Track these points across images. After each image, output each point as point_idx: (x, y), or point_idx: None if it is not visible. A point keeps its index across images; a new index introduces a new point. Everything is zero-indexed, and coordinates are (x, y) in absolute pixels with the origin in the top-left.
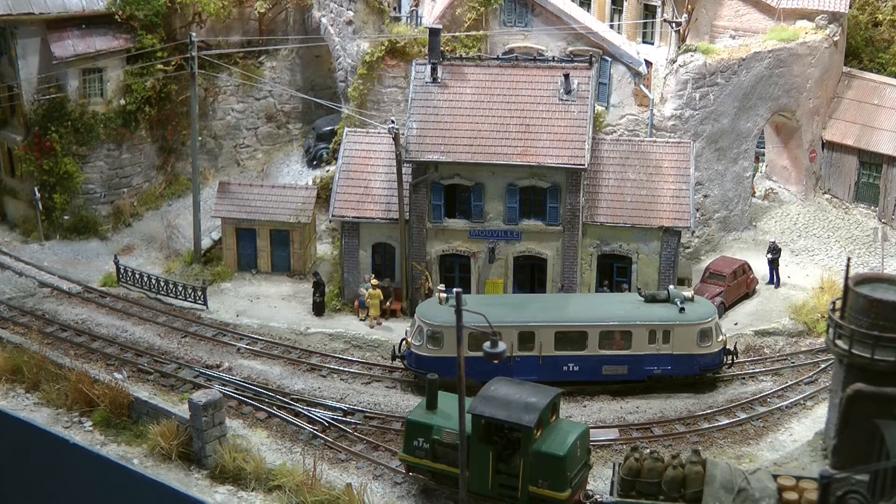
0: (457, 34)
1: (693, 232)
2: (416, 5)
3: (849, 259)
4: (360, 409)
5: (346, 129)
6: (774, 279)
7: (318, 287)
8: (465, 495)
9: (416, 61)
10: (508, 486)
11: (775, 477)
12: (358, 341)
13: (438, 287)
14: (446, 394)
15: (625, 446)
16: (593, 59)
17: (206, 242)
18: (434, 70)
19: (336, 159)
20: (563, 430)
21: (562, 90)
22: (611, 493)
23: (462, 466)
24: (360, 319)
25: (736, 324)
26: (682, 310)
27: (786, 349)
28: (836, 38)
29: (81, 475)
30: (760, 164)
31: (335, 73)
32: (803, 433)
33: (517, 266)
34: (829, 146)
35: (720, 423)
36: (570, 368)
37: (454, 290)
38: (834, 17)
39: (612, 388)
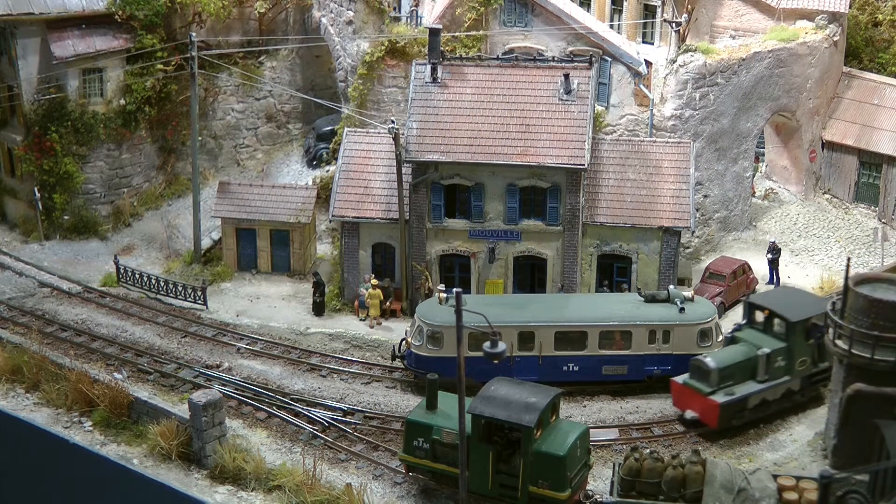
0: (457, 34)
1: (693, 232)
2: (416, 5)
3: (849, 259)
4: (359, 409)
5: (346, 129)
6: (774, 279)
7: (318, 287)
8: (465, 495)
9: (416, 61)
10: (508, 486)
11: (775, 477)
12: (358, 341)
13: (438, 287)
14: (446, 394)
15: (625, 446)
16: (593, 59)
17: (206, 242)
18: (434, 70)
19: (336, 159)
20: (563, 430)
21: (562, 90)
22: (611, 493)
23: (462, 466)
24: (360, 319)
25: (736, 324)
26: (682, 310)
27: None
28: (836, 38)
29: (81, 475)
30: (760, 164)
31: (335, 73)
32: (803, 433)
33: (517, 266)
34: (829, 146)
35: None
36: (570, 368)
37: (454, 290)
38: (834, 17)
39: (612, 388)
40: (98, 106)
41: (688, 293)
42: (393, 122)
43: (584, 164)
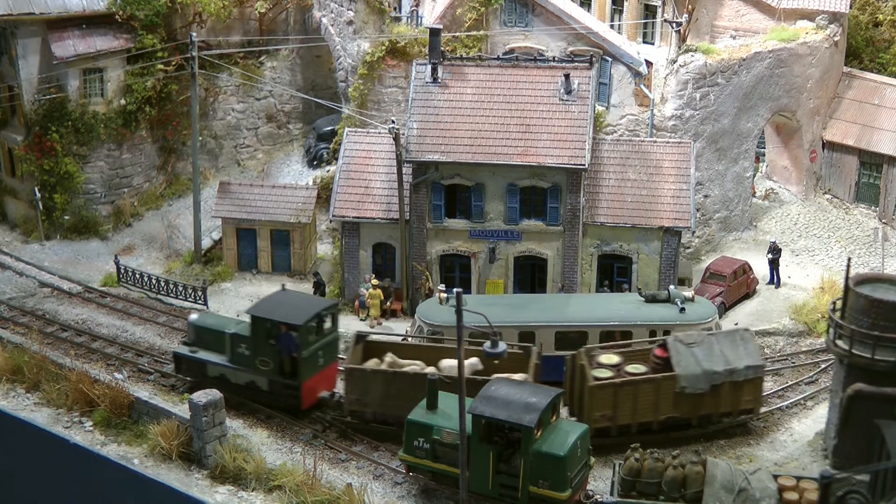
0: (457, 34)
1: (693, 232)
2: (417, 5)
3: (849, 259)
4: None
5: (347, 129)
6: (775, 279)
7: (319, 287)
8: (465, 495)
9: (417, 61)
10: (509, 486)
11: (776, 477)
12: None
13: (439, 287)
14: (446, 394)
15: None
16: (594, 59)
17: (206, 242)
18: (434, 70)
19: (336, 159)
20: (563, 430)
21: (562, 90)
22: (611, 493)
23: (462, 466)
24: (361, 319)
25: (736, 324)
26: (682, 310)
27: (786, 349)
28: (836, 39)
29: (81, 475)
30: (761, 165)
31: (335, 73)
32: (803, 433)
33: (517, 266)
34: (830, 146)
35: (720, 423)
36: None
37: (454, 290)
38: (834, 17)
39: None
40: (98, 106)
41: (688, 293)
42: (393, 122)
43: (584, 165)
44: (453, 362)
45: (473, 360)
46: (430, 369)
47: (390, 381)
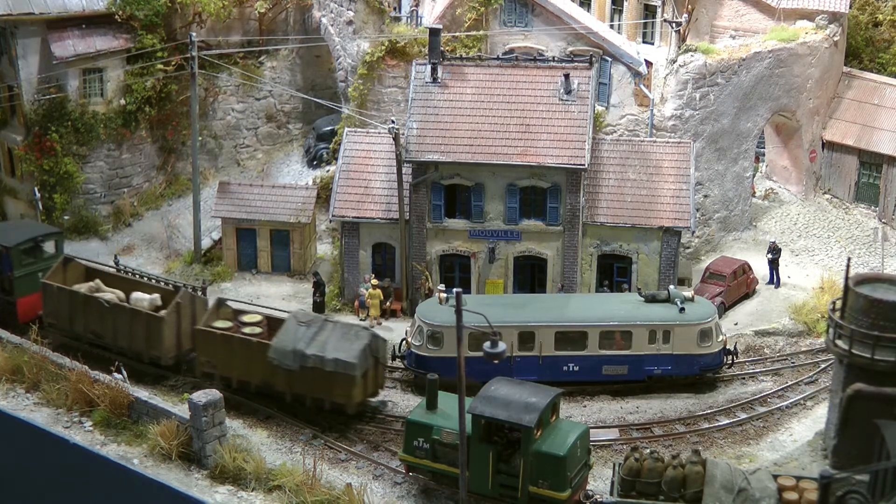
0: (457, 34)
1: (693, 232)
2: (417, 5)
3: (849, 259)
4: None
5: (347, 129)
6: (774, 279)
7: (319, 287)
8: (465, 495)
9: (417, 61)
10: (508, 486)
11: (775, 477)
12: None
13: (439, 287)
14: (446, 394)
15: (625, 446)
16: (593, 59)
17: (206, 242)
18: (434, 70)
19: (336, 159)
20: (563, 430)
21: (562, 90)
22: (611, 493)
23: (462, 466)
24: (361, 319)
25: (736, 324)
26: (682, 310)
27: (786, 349)
28: (836, 38)
29: (81, 475)
30: (760, 164)
31: (335, 73)
32: (803, 433)
33: (517, 266)
34: (830, 146)
35: (720, 423)
36: (571, 368)
37: (454, 290)
38: (834, 17)
39: (612, 388)
40: (98, 106)
41: (688, 293)
42: (393, 122)
43: (584, 165)
44: (143, 295)
45: (154, 295)
46: (110, 297)
47: (69, 300)
